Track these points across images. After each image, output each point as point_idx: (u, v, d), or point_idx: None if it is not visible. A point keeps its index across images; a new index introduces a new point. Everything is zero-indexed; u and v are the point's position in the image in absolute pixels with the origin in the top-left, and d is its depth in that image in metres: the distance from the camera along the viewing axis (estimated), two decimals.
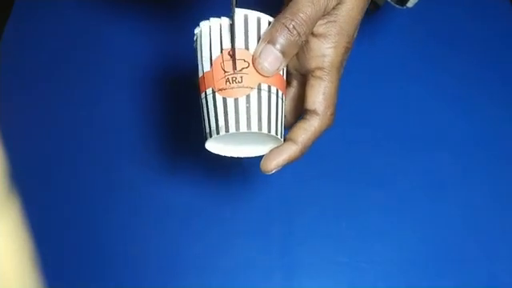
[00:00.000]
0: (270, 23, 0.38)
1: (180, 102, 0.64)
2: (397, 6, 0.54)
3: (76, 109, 0.63)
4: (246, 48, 0.38)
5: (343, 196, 0.59)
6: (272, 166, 0.39)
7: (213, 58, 0.39)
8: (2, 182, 0.28)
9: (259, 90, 0.37)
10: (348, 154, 0.61)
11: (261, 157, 0.41)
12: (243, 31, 0.38)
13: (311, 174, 0.59)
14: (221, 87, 0.38)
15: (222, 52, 0.39)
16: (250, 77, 0.37)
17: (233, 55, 0.37)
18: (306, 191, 0.59)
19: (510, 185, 0.60)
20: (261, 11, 0.39)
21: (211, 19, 0.39)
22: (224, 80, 0.38)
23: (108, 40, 0.68)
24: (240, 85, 0.37)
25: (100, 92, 0.65)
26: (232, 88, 0.38)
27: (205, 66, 0.39)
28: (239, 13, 0.38)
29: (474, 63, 0.67)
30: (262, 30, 0.38)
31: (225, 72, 0.38)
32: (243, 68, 0.38)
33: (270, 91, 0.38)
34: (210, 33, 0.39)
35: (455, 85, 0.66)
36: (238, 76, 0.38)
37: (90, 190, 0.59)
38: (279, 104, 0.38)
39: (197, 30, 0.40)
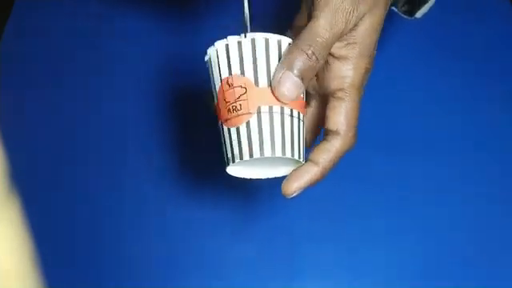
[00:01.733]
0: (266, 42, 0.38)
1: (184, 102, 0.64)
2: (405, 16, 0.54)
3: (76, 109, 0.63)
4: (242, 74, 0.38)
5: (344, 198, 0.59)
6: (293, 188, 0.40)
7: (216, 88, 0.39)
8: (2, 181, 0.28)
9: (259, 113, 0.37)
10: (349, 156, 0.61)
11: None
12: (237, 54, 0.38)
13: None
14: (225, 118, 0.39)
15: (221, 82, 0.39)
16: (248, 102, 0.37)
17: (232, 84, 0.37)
18: (307, 192, 0.59)
19: (509, 187, 0.60)
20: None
21: (215, 44, 0.39)
22: (226, 110, 0.38)
23: (108, 40, 0.68)
24: (239, 112, 0.38)
25: (100, 92, 0.65)
26: (233, 117, 0.38)
27: (214, 96, 0.40)
28: (232, 39, 0.38)
29: (474, 64, 0.67)
30: (258, 52, 0.38)
31: (226, 102, 0.38)
32: (241, 95, 0.38)
33: (282, 113, 0.37)
34: (212, 61, 0.39)
35: (455, 85, 0.66)
36: (238, 104, 0.38)
37: (89, 190, 0.59)
38: (295, 124, 0.38)
39: (206, 58, 0.40)
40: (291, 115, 0.38)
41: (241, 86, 0.38)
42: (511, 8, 0.72)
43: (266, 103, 0.37)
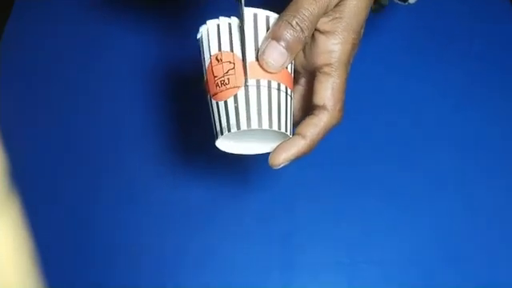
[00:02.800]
0: (255, 17, 0.38)
1: (181, 100, 0.64)
2: (399, 2, 0.54)
3: (76, 109, 0.63)
4: (231, 50, 0.38)
5: (343, 196, 0.59)
6: (280, 160, 0.39)
7: (206, 65, 0.40)
8: (2, 181, 0.28)
9: (246, 86, 0.38)
10: (348, 154, 0.61)
11: (267, 154, 0.41)
12: (228, 33, 0.39)
13: (311, 173, 0.59)
14: (214, 92, 0.39)
15: (211, 58, 0.40)
16: (236, 77, 0.38)
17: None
18: (306, 191, 0.59)
19: (510, 184, 0.60)
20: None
21: (207, 22, 0.40)
22: (214, 85, 0.39)
23: (108, 40, 0.68)
24: (227, 86, 0.38)
25: (100, 92, 0.65)
26: (221, 91, 0.39)
27: (204, 72, 0.40)
28: (223, 19, 0.39)
29: (474, 63, 0.67)
30: (246, 28, 0.38)
31: (214, 77, 0.39)
32: (229, 70, 0.39)
33: (270, 87, 0.38)
34: (203, 39, 0.40)
35: (455, 84, 0.66)
36: (226, 78, 0.38)
37: (89, 190, 0.59)
38: (282, 98, 0.38)
39: (198, 36, 0.41)
40: (278, 89, 0.38)
41: (229, 62, 0.39)
42: (511, 8, 0.72)
43: (254, 77, 0.37)
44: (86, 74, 0.66)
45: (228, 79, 0.38)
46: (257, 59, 0.38)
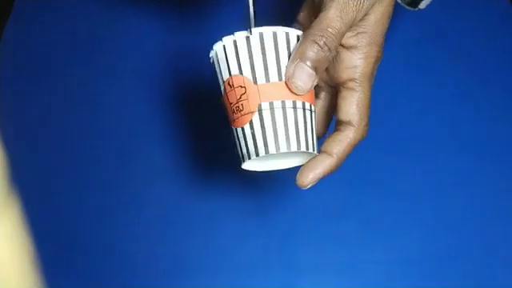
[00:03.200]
0: (261, 37, 0.37)
1: (183, 99, 0.64)
2: (408, 7, 0.54)
3: (76, 109, 0.63)
4: (240, 73, 0.38)
5: (344, 196, 0.59)
6: (308, 180, 0.39)
7: (222, 92, 0.39)
8: (2, 181, 0.28)
9: (260, 111, 0.37)
10: (350, 154, 0.61)
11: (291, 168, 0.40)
12: (234, 54, 0.38)
13: None
14: (231, 119, 0.39)
15: (224, 84, 0.39)
16: (249, 101, 0.37)
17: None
18: (307, 191, 0.59)
19: (510, 185, 0.60)
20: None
21: (214, 46, 0.39)
22: (231, 112, 0.39)
23: (108, 39, 0.68)
24: (242, 113, 0.38)
25: (100, 92, 0.65)
26: (237, 118, 0.38)
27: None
28: (227, 39, 0.38)
29: (474, 63, 0.67)
30: (253, 49, 0.37)
31: (230, 104, 0.39)
32: (241, 95, 0.38)
33: (284, 107, 0.37)
34: (215, 64, 0.39)
35: (455, 84, 0.66)
36: (240, 104, 0.38)
37: (90, 190, 0.59)
38: (299, 115, 0.37)
39: (211, 61, 0.40)
40: (294, 107, 0.37)
41: (240, 86, 0.38)
42: (511, 8, 0.72)
43: (266, 99, 0.37)
44: (86, 73, 0.66)
45: (242, 105, 0.38)
46: (279, 79, 0.37)
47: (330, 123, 0.44)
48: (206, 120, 0.62)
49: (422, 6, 0.53)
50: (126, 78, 0.66)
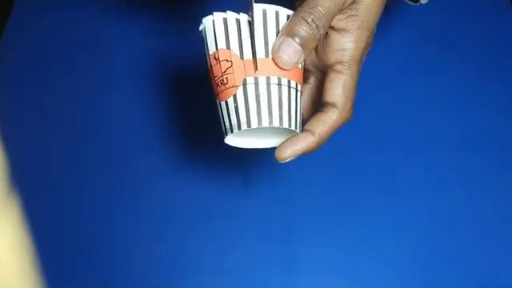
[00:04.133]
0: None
1: (183, 98, 0.64)
2: (410, 2, 0.54)
3: (76, 109, 0.63)
4: (227, 47, 0.38)
5: (344, 196, 0.59)
6: (287, 154, 0.39)
7: (208, 64, 0.40)
8: (2, 181, 0.28)
9: (245, 85, 0.37)
10: (349, 154, 0.61)
11: (269, 154, 0.40)
12: (223, 30, 0.38)
13: (312, 173, 0.59)
14: (216, 92, 0.39)
15: (209, 56, 0.39)
16: (234, 75, 0.38)
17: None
18: (307, 190, 0.59)
19: (510, 184, 0.60)
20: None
21: (203, 20, 0.39)
22: (215, 85, 0.39)
23: (109, 39, 0.68)
24: (227, 86, 0.38)
25: (100, 92, 0.65)
26: (222, 91, 0.38)
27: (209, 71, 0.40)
28: (218, 15, 0.38)
29: (474, 63, 0.67)
30: (242, 26, 0.38)
31: (214, 77, 0.39)
32: (227, 68, 0.38)
33: (269, 83, 0.37)
34: (204, 36, 0.40)
35: (455, 84, 0.66)
36: (224, 78, 0.38)
37: (90, 190, 0.59)
38: (292, 94, 0.38)
39: (201, 33, 0.40)
40: (279, 83, 0.38)
41: (226, 60, 0.38)
42: (511, 8, 0.72)
43: (251, 74, 0.37)
44: (86, 73, 0.66)
45: (226, 79, 0.38)
46: (266, 56, 0.37)
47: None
48: (205, 120, 0.62)
49: (424, 1, 0.53)
50: (126, 78, 0.66)
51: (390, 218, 0.57)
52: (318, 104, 0.44)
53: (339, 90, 0.39)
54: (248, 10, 0.38)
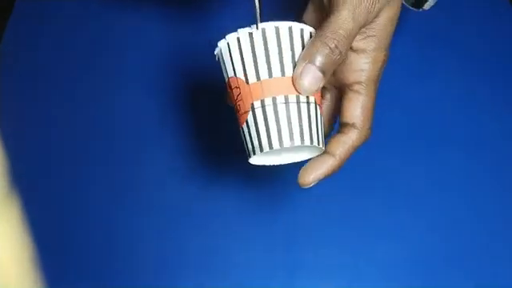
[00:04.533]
0: (250, 37, 0.37)
1: (184, 98, 0.64)
2: (412, 8, 0.54)
3: (76, 109, 0.63)
4: (234, 74, 0.38)
5: (347, 197, 0.59)
6: (310, 179, 0.40)
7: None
8: (2, 182, 0.28)
9: (253, 110, 0.37)
10: (352, 156, 0.61)
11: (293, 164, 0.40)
12: (229, 55, 0.38)
13: None
14: (237, 118, 0.40)
15: (226, 86, 0.40)
16: (243, 102, 0.38)
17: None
18: (310, 192, 0.59)
19: (510, 185, 0.60)
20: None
21: (216, 49, 0.39)
22: (235, 111, 0.39)
23: (109, 39, 0.68)
24: (240, 113, 0.38)
25: (100, 92, 0.65)
26: (239, 118, 0.39)
27: None
28: (222, 42, 0.38)
29: (474, 63, 0.67)
30: (244, 50, 0.37)
31: (233, 104, 0.40)
32: (237, 95, 0.38)
33: (275, 103, 0.37)
34: (220, 61, 0.40)
35: (455, 84, 0.66)
36: (238, 105, 0.39)
37: (90, 190, 0.59)
38: (292, 111, 0.37)
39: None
40: (286, 102, 0.37)
41: (236, 87, 0.38)
42: (511, 8, 0.72)
43: (257, 98, 0.37)
44: (86, 73, 0.66)
45: (239, 105, 0.38)
46: (269, 77, 0.37)
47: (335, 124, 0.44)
48: (208, 120, 0.62)
49: (426, 7, 0.53)
50: (127, 78, 0.66)
51: (392, 220, 0.57)
52: (334, 119, 0.44)
53: (358, 110, 0.39)
54: (257, 24, 0.37)
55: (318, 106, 0.39)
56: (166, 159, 0.61)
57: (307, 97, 0.38)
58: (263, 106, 0.37)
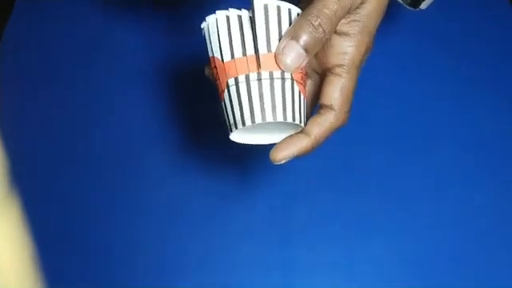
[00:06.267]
0: (227, 18, 0.38)
1: (184, 98, 0.64)
2: (409, 7, 0.54)
3: (76, 109, 0.63)
4: (212, 54, 0.39)
5: (343, 196, 0.59)
6: (281, 156, 0.39)
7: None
8: (2, 181, 0.28)
9: (228, 87, 0.38)
10: (348, 154, 0.61)
11: (267, 149, 0.40)
12: (208, 35, 0.39)
13: (311, 173, 0.59)
14: (218, 96, 0.40)
15: (210, 65, 0.41)
16: (220, 80, 0.39)
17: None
18: (306, 191, 0.59)
19: (510, 185, 0.60)
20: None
21: (206, 19, 0.40)
22: (217, 88, 0.40)
23: (109, 39, 0.68)
24: (220, 91, 0.39)
25: (101, 92, 0.65)
26: (219, 95, 0.39)
27: None
28: (209, 18, 0.39)
29: (474, 63, 0.67)
30: (220, 29, 0.38)
31: (215, 81, 0.40)
32: (216, 74, 0.39)
33: (248, 79, 0.37)
34: (206, 37, 0.40)
35: (454, 84, 0.66)
36: (217, 83, 0.39)
37: (90, 190, 0.59)
38: (264, 88, 0.37)
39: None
40: (259, 79, 0.37)
41: (214, 67, 0.39)
42: (511, 8, 0.72)
43: (232, 76, 0.38)
44: (86, 73, 0.66)
45: (218, 84, 0.39)
46: (243, 55, 0.37)
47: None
48: (209, 120, 0.62)
49: (423, 6, 0.53)
50: (127, 78, 0.66)
51: (388, 219, 0.57)
52: (314, 106, 0.44)
53: (337, 92, 0.39)
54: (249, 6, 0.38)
55: (295, 83, 0.38)
56: (166, 159, 0.61)
57: (282, 72, 0.37)
58: (236, 84, 0.37)
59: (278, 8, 0.38)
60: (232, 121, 0.38)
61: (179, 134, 0.62)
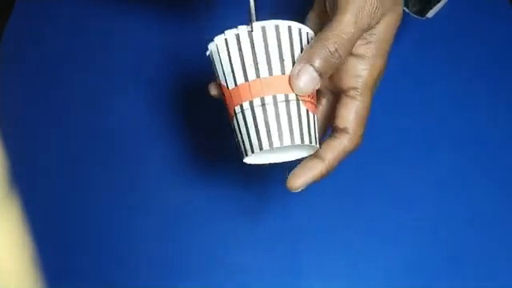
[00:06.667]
0: (225, 42, 0.37)
1: (185, 100, 0.64)
2: (416, 16, 0.54)
3: (76, 109, 0.63)
4: (219, 80, 0.39)
5: (351, 200, 0.58)
6: (298, 183, 0.40)
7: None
8: (2, 181, 0.28)
9: (235, 114, 0.38)
10: (351, 157, 0.61)
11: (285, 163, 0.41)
12: (213, 60, 0.39)
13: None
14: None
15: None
16: (228, 107, 0.39)
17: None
18: (314, 194, 0.59)
19: (509, 185, 0.60)
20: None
21: (209, 47, 0.40)
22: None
23: (109, 40, 0.68)
24: (229, 117, 0.39)
25: (101, 92, 0.65)
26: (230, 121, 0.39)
27: None
28: (214, 42, 0.39)
29: (473, 63, 0.67)
30: (221, 55, 0.38)
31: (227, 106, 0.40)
32: (224, 100, 0.39)
33: (252, 107, 0.37)
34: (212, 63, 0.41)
35: (454, 86, 0.66)
36: (228, 109, 0.39)
37: (90, 190, 0.59)
38: (269, 114, 0.37)
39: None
40: (262, 104, 0.37)
41: (223, 93, 0.39)
42: (511, 8, 0.72)
43: (237, 103, 0.37)
44: (86, 74, 0.66)
45: (227, 109, 0.39)
46: (245, 80, 0.37)
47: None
48: (209, 121, 0.62)
49: (430, 15, 0.53)
50: (127, 79, 0.66)
51: (395, 222, 0.57)
52: (327, 125, 0.44)
53: (351, 115, 0.39)
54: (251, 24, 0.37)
55: (301, 102, 0.38)
56: (167, 159, 0.61)
57: (286, 95, 0.37)
58: (242, 111, 0.37)
59: (277, 28, 0.37)
60: (242, 147, 0.38)
61: (180, 134, 0.62)
